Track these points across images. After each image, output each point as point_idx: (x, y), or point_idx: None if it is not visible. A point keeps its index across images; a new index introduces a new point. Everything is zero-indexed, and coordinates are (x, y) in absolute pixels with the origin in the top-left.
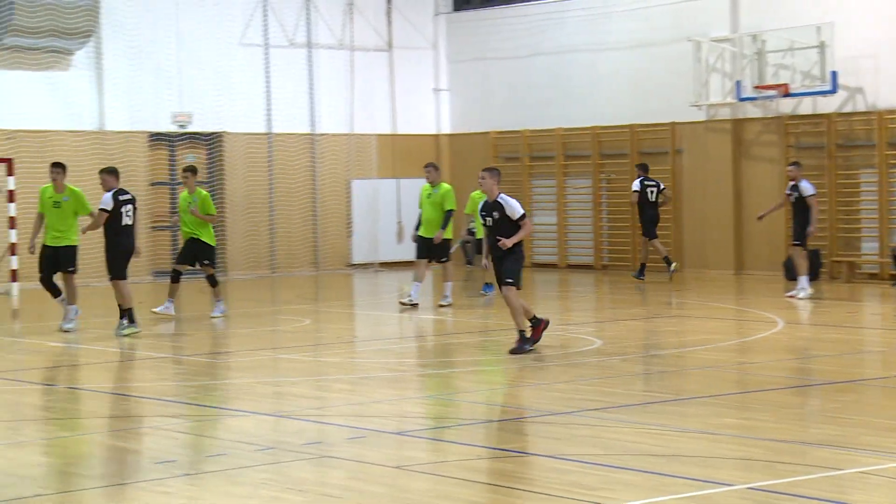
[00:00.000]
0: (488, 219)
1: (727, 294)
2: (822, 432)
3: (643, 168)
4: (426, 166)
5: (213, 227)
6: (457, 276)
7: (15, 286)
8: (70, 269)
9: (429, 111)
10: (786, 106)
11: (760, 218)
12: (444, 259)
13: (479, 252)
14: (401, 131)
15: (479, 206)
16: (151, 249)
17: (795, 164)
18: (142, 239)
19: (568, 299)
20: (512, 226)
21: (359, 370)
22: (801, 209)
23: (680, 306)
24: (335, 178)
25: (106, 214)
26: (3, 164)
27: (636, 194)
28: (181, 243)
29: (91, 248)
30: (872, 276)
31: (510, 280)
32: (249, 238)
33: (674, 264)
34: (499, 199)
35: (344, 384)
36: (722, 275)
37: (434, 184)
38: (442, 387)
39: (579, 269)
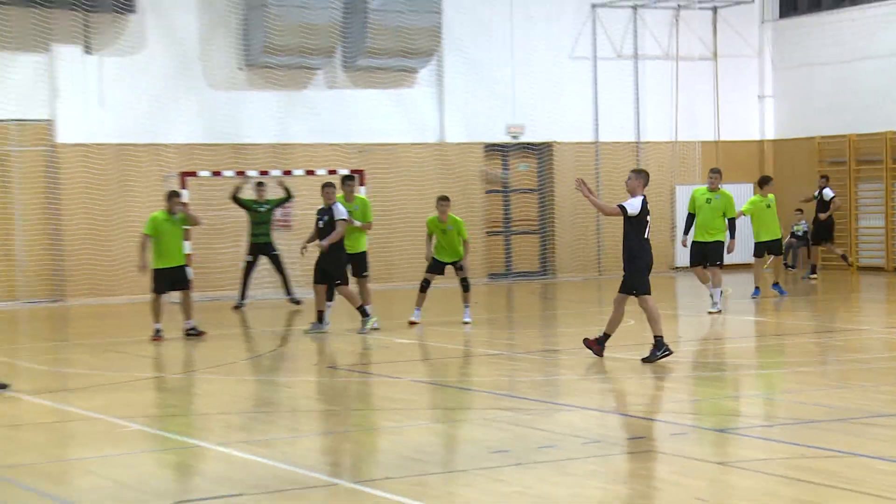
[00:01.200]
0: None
1: None
2: None
3: (826, 178)
4: (711, 171)
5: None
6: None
7: None
8: (364, 274)
9: (753, 118)
10: None
11: None
12: (718, 263)
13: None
14: (724, 138)
15: None
16: (486, 253)
17: None
18: (475, 242)
19: (895, 302)
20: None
21: (680, 369)
22: None
23: None
24: (660, 185)
25: (346, 223)
26: (356, 175)
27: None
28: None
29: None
30: None
31: (635, 291)
32: (577, 242)
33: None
34: (632, 198)
35: (667, 382)
36: None
37: (715, 190)
38: (763, 385)
39: None
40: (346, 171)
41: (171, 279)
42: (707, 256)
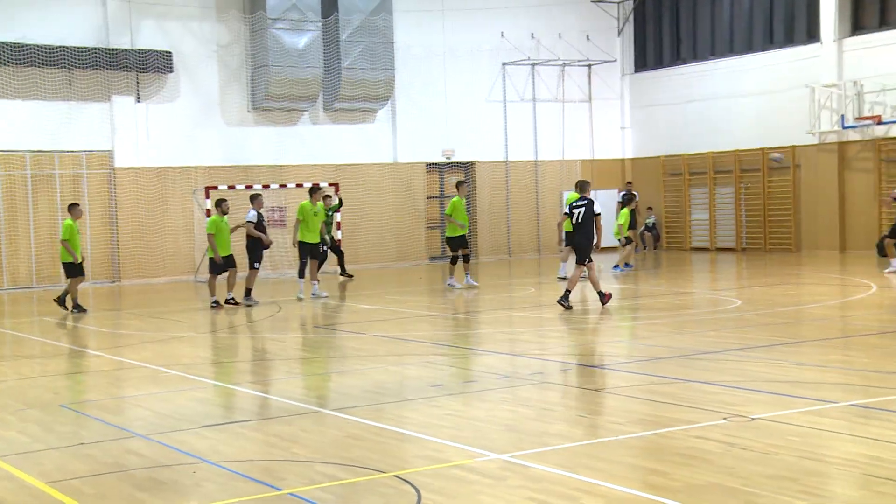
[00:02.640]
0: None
1: (833, 267)
2: None
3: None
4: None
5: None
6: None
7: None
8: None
9: (617, 143)
10: (878, 131)
11: None
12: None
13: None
14: (597, 157)
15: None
16: (427, 241)
17: None
18: (419, 235)
19: (716, 272)
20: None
21: (565, 322)
22: None
23: (798, 276)
24: (552, 191)
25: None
26: (332, 187)
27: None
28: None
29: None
30: None
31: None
32: (492, 233)
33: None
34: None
35: (555, 332)
36: (830, 253)
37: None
38: (624, 333)
39: (725, 251)
40: (309, 184)
41: (228, 264)
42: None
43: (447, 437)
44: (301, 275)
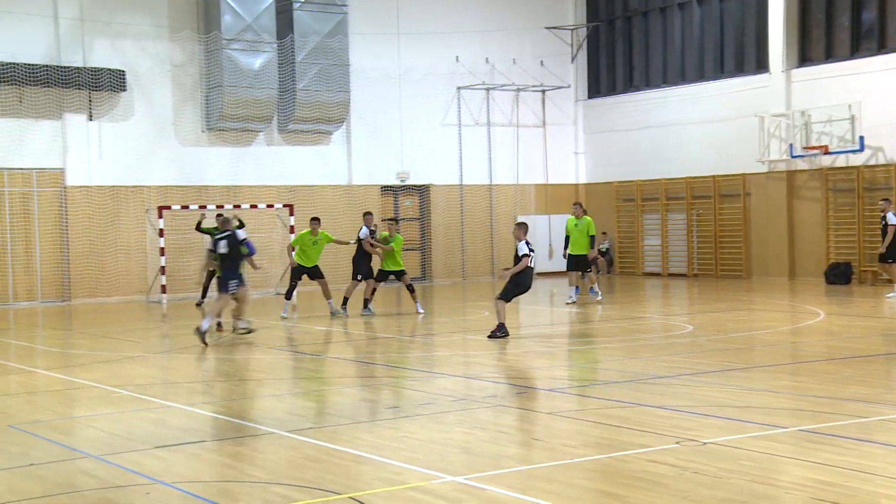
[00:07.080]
0: None
1: (783, 293)
2: (853, 391)
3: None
4: (574, 204)
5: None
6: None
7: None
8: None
9: (570, 168)
10: (826, 161)
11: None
12: (588, 270)
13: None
14: (551, 182)
15: None
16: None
17: (885, 199)
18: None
19: (668, 297)
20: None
21: (521, 345)
22: (885, 233)
23: (749, 302)
24: (506, 214)
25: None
26: (286, 208)
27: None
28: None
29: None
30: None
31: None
32: (447, 256)
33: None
34: (520, 243)
35: (510, 355)
36: (779, 280)
37: (578, 217)
38: (579, 357)
39: (677, 277)
40: (264, 205)
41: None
42: (578, 264)
43: (403, 460)
44: (288, 296)
